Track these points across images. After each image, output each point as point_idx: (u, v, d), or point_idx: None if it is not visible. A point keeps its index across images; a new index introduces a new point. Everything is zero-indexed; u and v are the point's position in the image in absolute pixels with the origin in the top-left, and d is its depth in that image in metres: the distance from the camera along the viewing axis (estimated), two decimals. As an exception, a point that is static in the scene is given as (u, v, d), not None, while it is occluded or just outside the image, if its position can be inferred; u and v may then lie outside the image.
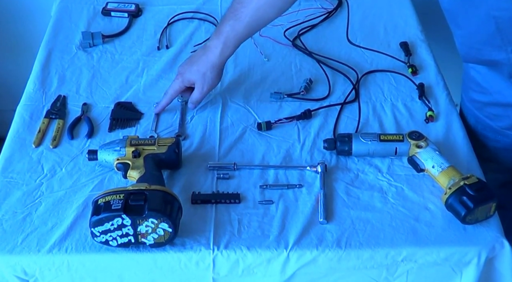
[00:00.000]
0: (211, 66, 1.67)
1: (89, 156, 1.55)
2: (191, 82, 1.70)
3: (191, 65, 1.70)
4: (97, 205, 1.35)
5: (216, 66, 1.68)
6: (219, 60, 1.67)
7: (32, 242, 1.40)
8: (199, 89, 1.70)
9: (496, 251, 1.42)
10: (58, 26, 2.07)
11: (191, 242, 1.40)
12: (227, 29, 1.65)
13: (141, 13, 2.13)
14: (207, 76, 1.68)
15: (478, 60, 1.65)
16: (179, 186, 1.53)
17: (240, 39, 1.67)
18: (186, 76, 1.70)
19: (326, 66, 1.90)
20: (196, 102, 1.74)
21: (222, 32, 1.65)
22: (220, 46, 1.66)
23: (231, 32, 1.64)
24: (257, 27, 1.71)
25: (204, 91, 1.71)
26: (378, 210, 1.49)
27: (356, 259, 1.41)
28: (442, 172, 1.49)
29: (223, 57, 1.68)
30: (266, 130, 1.68)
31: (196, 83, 1.70)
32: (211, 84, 1.71)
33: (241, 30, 1.65)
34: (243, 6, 1.63)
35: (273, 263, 1.40)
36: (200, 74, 1.68)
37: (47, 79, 1.85)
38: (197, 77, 1.69)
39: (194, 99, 1.73)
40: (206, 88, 1.70)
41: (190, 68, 1.70)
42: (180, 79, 1.71)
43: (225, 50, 1.66)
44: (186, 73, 1.70)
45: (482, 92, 1.70)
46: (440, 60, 1.94)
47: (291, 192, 1.53)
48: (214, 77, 1.70)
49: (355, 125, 1.70)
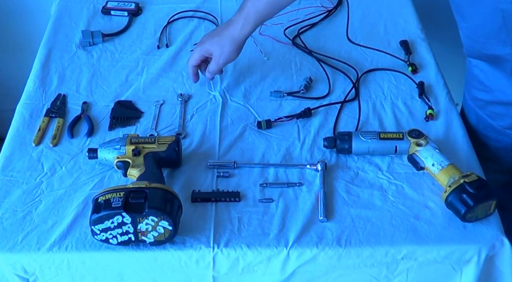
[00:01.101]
0: (231, 39, 1.69)
1: (89, 154, 1.55)
2: (209, 52, 1.72)
3: (213, 36, 1.73)
4: (97, 203, 1.35)
5: (235, 40, 1.69)
6: (239, 35, 1.69)
7: (32, 240, 1.40)
8: (216, 60, 1.72)
9: (496, 249, 1.43)
10: (58, 25, 2.07)
11: (191, 240, 1.40)
12: (249, 5, 1.67)
13: (141, 11, 2.13)
14: (225, 49, 1.70)
15: (482, 54, 1.64)
16: (179, 184, 1.53)
17: (261, 16, 1.69)
18: (205, 45, 1.73)
19: (326, 65, 1.90)
20: (213, 72, 1.76)
21: (244, 7, 1.68)
22: (241, 21, 1.68)
23: (252, 8, 1.67)
24: (278, 6, 1.72)
25: (220, 63, 1.72)
26: (378, 208, 1.49)
27: (356, 257, 1.41)
28: (442, 170, 1.49)
29: (244, 32, 1.69)
30: (266, 129, 1.68)
31: (214, 54, 1.71)
32: (228, 57, 1.72)
33: (262, 7, 1.67)
34: None
35: (273, 261, 1.40)
36: (219, 45, 1.70)
37: (47, 78, 1.85)
38: (215, 48, 1.71)
39: (210, 69, 1.75)
40: (222, 60, 1.72)
41: (211, 38, 1.73)
42: (199, 48, 1.74)
43: (245, 26, 1.68)
44: (206, 42, 1.73)
45: (485, 90, 1.69)
46: (440, 59, 1.94)
47: (291, 190, 1.53)
48: (232, 51, 1.71)
49: (355, 124, 1.70)
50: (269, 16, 1.73)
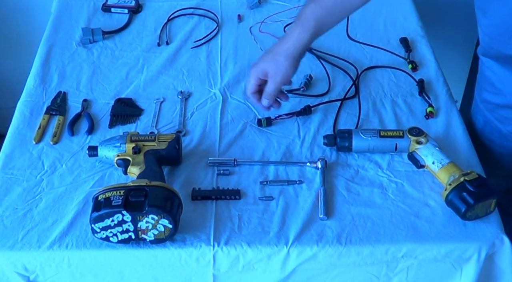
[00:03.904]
0: (286, 53, 1.53)
1: (90, 152, 1.55)
2: (265, 72, 1.57)
3: (267, 54, 1.58)
4: (97, 201, 1.35)
5: (291, 53, 1.53)
6: (295, 46, 1.52)
7: (33, 238, 1.41)
8: (272, 78, 1.56)
9: (496, 247, 1.43)
10: (58, 22, 2.07)
11: (192, 238, 1.40)
12: (306, 12, 1.51)
13: (141, 9, 2.13)
14: (281, 64, 1.54)
15: (499, 54, 1.57)
16: (179, 182, 1.53)
17: (320, 25, 1.52)
18: (260, 65, 1.58)
19: (326, 62, 1.90)
20: (270, 95, 1.59)
21: (300, 16, 1.52)
22: (297, 31, 1.52)
23: (311, 15, 1.50)
24: (340, 13, 1.56)
25: (278, 81, 1.56)
26: (378, 206, 1.49)
27: (356, 255, 1.41)
28: (442, 168, 1.49)
29: (300, 44, 1.52)
30: (266, 127, 1.68)
31: (269, 72, 1.56)
32: (285, 73, 1.55)
33: (320, 15, 1.50)
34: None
35: (273, 259, 1.41)
36: (274, 62, 1.55)
37: (48, 76, 1.85)
38: (270, 65, 1.55)
39: (268, 91, 1.59)
40: (280, 78, 1.56)
41: (264, 57, 1.58)
42: (253, 70, 1.59)
43: (302, 35, 1.51)
44: (260, 62, 1.58)
45: (496, 93, 1.64)
46: (440, 56, 1.94)
47: (291, 188, 1.53)
48: (289, 66, 1.54)
49: (355, 121, 1.70)
50: (331, 25, 1.55)
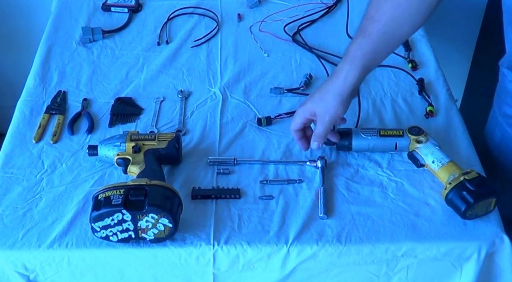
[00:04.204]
0: (334, 92, 1.45)
1: (90, 151, 1.55)
2: (312, 112, 1.49)
3: (315, 93, 1.50)
4: (97, 200, 1.35)
5: (340, 92, 1.44)
6: (343, 85, 1.44)
7: (33, 237, 1.40)
8: (321, 120, 1.48)
9: (496, 246, 1.43)
10: (58, 21, 2.07)
11: (192, 237, 1.40)
12: (354, 48, 1.43)
13: (141, 8, 2.13)
14: (329, 104, 1.45)
15: None
16: (179, 181, 1.53)
17: (369, 59, 1.43)
18: (307, 105, 1.50)
19: (326, 61, 1.90)
20: (320, 137, 1.52)
21: (349, 53, 1.44)
22: (345, 69, 1.44)
23: (359, 51, 1.42)
24: (389, 46, 1.47)
25: (327, 121, 1.48)
26: (378, 205, 1.49)
27: (356, 254, 1.41)
28: (442, 167, 1.49)
29: (350, 81, 1.43)
30: (266, 126, 1.68)
31: (317, 113, 1.48)
32: (334, 113, 1.47)
33: (370, 49, 1.42)
34: (374, 21, 1.42)
35: (273, 258, 1.40)
36: (322, 102, 1.47)
37: (47, 75, 1.85)
38: (319, 106, 1.47)
39: (317, 133, 1.51)
40: (329, 118, 1.47)
41: (312, 96, 1.50)
42: (301, 109, 1.52)
43: (350, 72, 1.43)
44: (308, 101, 1.50)
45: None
46: (440, 56, 1.94)
47: (291, 187, 1.53)
48: (338, 105, 1.45)
49: (355, 121, 1.70)
50: (380, 59, 1.47)
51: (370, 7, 1.44)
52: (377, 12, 1.41)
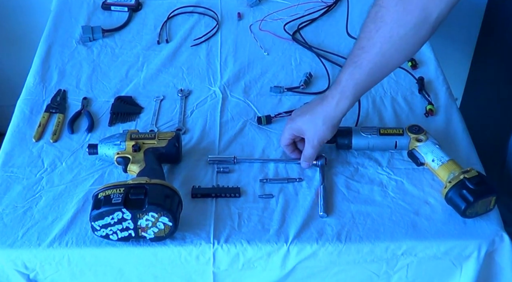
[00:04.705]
0: (325, 117, 1.48)
1: (89, 150, 1.55)
2: (301, 131, 1.53)
3: (305, 113, 1.52)
4: (97, 199, 1.35)
5: (330, 118, 1.48)
6: (334, 112, 1.47)
7: (33, 236, 1.40)
8: (310, 142, 1.52)
9: (496, 245, 1.43)
10: (58, 20, 2.07)
11: (192, 236, 1.40)
12: (346, 77, 1.44)
13: (141, 7, 2.13)
14: (319, 128, 1.49)
15: None
16: (179, 180, 1.53)
17: (359, 89, 1.45)
18: (297, 123, 1.53)
19: (326, 60, 1.90)
20: (309, 158, 1.55)
21: (340, 81, 1.45)
22: (337, 97, 1.45)
23: (350, 80, 1.43)
24: (380, 75, 1.47)
25: (315, 144, 1.51)
26: (378, 203, 1.49)
27: (356, 253, 1.41)
28: (442, 165, 1.49)
29: (340, 109, 1.47)
30: (266, 124, 1.69)
31: (306, 134, 1.52)
32: (323, 138, 1.51)
33: (361, 79, 1.43)
34: (365, 51, 1.41)
35: (273, 257, 1.41)
36: (312, 124, 1.50)
37: (47, 74, 1.85)
38: (308, 127, 1.51)
39: (306, 155, 1.54)
40: (317, 141, 1.51)
41: (302, 116, 1.52)
42: (290, 126, 1.54)
43: (342, 101, 1.45)
44: (298, 120, 1.53)
45: None
46: (440, 55, 1.94)
47: (291, 185, 1.53)
48: (327, 130, 1.50)
49: (355, 119, 1.70)
50: (369, 88, 1.49)
51: (362, 36, 1.42)
52: (368, 42, 1.40)
